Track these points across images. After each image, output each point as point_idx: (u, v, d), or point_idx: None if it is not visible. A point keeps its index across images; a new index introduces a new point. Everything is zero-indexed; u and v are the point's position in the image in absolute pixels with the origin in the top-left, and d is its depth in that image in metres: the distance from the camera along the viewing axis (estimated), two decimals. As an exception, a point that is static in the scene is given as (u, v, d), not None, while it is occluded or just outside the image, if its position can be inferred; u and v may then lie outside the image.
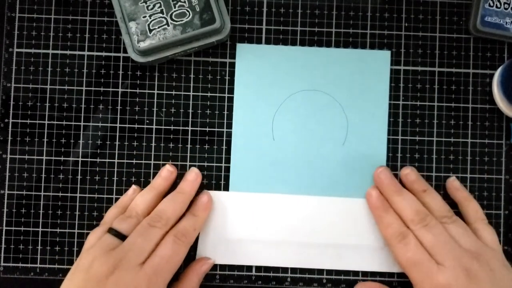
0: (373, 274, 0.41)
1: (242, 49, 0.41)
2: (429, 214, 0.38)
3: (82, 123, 0.41)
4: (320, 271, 0.41)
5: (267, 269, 0.41)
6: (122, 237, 0.36)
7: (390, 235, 0.38)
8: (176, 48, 0.39)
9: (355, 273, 0.41)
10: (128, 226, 0.37)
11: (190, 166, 0.41)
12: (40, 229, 0.40)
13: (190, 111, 0.41)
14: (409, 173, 0.40)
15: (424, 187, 0.40)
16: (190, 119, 0.41)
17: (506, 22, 0.40)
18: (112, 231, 0.37)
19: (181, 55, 0.40)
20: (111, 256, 0.35)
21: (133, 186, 0.40)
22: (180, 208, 0.39)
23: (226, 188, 0.41)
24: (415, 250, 0.37)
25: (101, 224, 0.39)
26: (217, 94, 0.41)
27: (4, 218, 0.40)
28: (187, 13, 0.38)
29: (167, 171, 0.40)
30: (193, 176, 0.40)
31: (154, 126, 0.41)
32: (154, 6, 0.38)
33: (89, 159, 0.41)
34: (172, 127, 0.41)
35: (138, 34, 0.38)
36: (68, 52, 0.41)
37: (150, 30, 0.38)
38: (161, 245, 0.36)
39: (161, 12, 0.38)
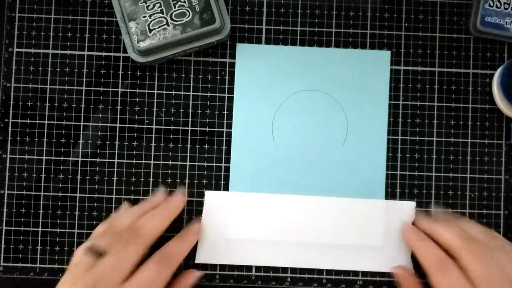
0: (373, 274, 0.41)
1: (242, 49, 0.41)
2: (474, 238, 0.36)
3: (82, 123, 0.41)
4: (320, 271, 0.41)
5: (267, 269, 0.41)
6: (102, 253, 0.35)
7: (430, 262, 0.36)
8: (176, 48, 0.39)
9: (355, 273, 0.41)
10: (107, 242, 0.35)
11: (190, 166, 0.41)
12: (40, 229, 0.40)
13: (190, 111, 0.41)
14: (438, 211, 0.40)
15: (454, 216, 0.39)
16: (190, 119, 0.41)
17: (506, 22, 0.40)
18: (92, 249, 0.35)
19: (181, 55, 0.40)
20: (88, 277, 0.33)
21: (125, 203, 0.40)
22: (161, 225, 0.37)
23: (226, 188, 0.41)
24: (456, 280, 0.34)
25: (89, 239, 0.38)
26: (217, 94, 0.41)
27: (4, 218, 0.40)
28: (187, 13, 0.38)
29: (161, 195, 0.40)
30: (179, 196, 0.40)
31: (154, 126, 0.41)
32: (154, 6, 0.38)
33: (89, 159, 0.41)
34: (172, 127, 0.41)
35: (138, 34, 0.38)
36: (68, 52, 0.41)
37: (150, 30, 0.38)
38: (145, 267, 0.35)
39: (161, 12, 0.38)
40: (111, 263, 0.34)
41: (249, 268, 0.41)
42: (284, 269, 0.41)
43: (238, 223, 0.40)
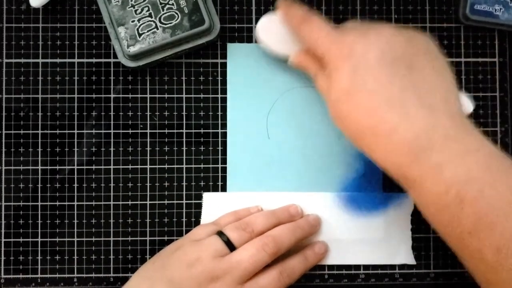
0: (375, 267, 0.41)
1: (233, 48, 0.41)
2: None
3: (75, 131, 0.41)
4: (322, 267, 0.41)
5: (269, 267, 0.41)
6: (230, 246, 0.36)
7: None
8: (166, 51, 0.39)
9: (356, 267, 0.41)
10: (239, 238, 0.36)
11: (187, 168, 0.41)
12: (39, 239, 0.40)
13: (184, 113, 0.41)
14: None
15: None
16: (184, 122, 0.41)
17: (495, 10, 0.40)
18: (223, 236, 0.36)
19: (172, 57, 0.40)
20: (217, 265, 0.34)
21: (258, 206, 0.40)
22: (295, 242, 0.37)
23: (224, 188, 0.41)
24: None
25: (213, 223, 0.39)
26: (210, 95, 0.41)
27: (3, 230, 0.40)
28: (176, 15, 0.38)
29: (297, 211, 0.39)
30: (316, 221, 0.40)
31: (148, 130, 0.41)
32: (142, 10, 0.38)
33: (84, 167, 0.41)
34: (166, 131, 0.41)
35: (128, 39, 0.38)
36: (58, 60, 0.41)
37: (140, 35, 0.38)
38: (267, 275, 0.36)
39: (150, 15, 0.38)
40: (243, 262, 0.35)
41: (250, 267, 0.41)
42: (286, 267, 0.41)
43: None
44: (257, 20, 0.41)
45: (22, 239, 0.40)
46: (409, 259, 0.41)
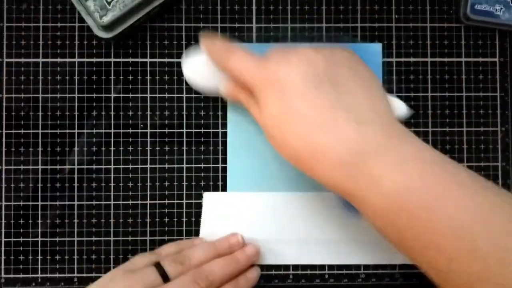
0: (375, 266, 0.41)
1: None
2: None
3: (76, 131, 0.41)
4: (322, 267, 0.41)
5: (269, 267, 0.41)
6: (166, 278, 0.36)
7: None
8: (138, 13, 0.39)
9: (357, 266, 0.41)
10: (175, 271, 0.36)
11: (187, 168, 0.41)
12: (39, 239, 0.40)
13: (184, 113, 0.41)
14: None
15: None
16: (184, 121, 0.41)
17: (496, 9, 0.40)
18: (160, 268, 0.36)
19: (146, 19, 0.40)
20: None
21: (201, 238, 0.40)
22: (229, 277, 0.37)
23: (224, 188, 0.41)
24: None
25: (154, 252, 0.39)
26: (210, 95, 0.41)
27: (3, 230, 0.40)
28: (138, -25, 0.38)
29: (237, 241, 0.39)
30: (253, 252, 0.39)
31: (148, 130, 0.41)
32: (103, -22, 0.39)
33: (85, 167, 0.41)
34: (166, 130, 0.41)
35: (99, 10, 0.38)
36: (58, 59, 0.41)
37: (109, 3, 0.38)
38: None
39: (112, -19, 0.39)
40: None
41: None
42: (286, 267, 0.41)
43: (237, 223, 0.40)
44: (257, 20, 0.41)
45: (22, 239, 0.40)
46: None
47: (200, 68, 0.39)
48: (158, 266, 0.36)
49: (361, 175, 0.30)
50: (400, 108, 0.39)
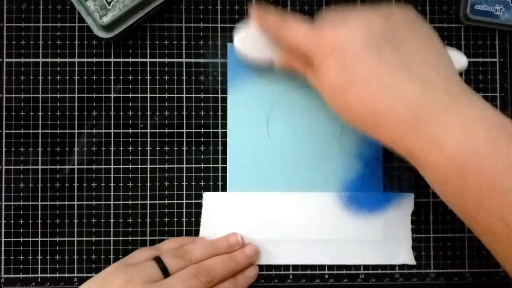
0: (375, 267, 0.41)
1: (233, 48, 0.41)
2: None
3: (76, 131, 0.41)
4: (322, 267, 0.41)
5: (269, 267, 0.41)
6: (166, 273, 0.36)
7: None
8: (138, 13, 0.39)
9: (357, 267, 0.41)
10: (175, 265, 0.36)
11: (187, 168, 0.41)
12: (39, 239, 0.40)
13: (184, 113, 0.41)
14: None
15: None
16: (184, 121, 0.41)
17: (496, 10, 0.40)
18: (160, 262, 0.36)
19: (145, 19, 0.40)
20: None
21: (202, 238, 0.40)
22: (228, 275, 0.38)
23: (224, 188, 0.41)
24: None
25: (154, 247, 0.39)
26: (210, 95, 0.41)
27: (3, 230, 0.40)
28: (138, -25, 0.38)
29: (237, 241, 0.39)
30: (252, 252, 0.39)
31: (148, 130, 0.41)
32: (103, -22, 0.38)
33: (85, 166, 0.41)
34: (166, 130, 0.41)
35: (98, 10, 0.38)
36: (58, 59, 0.41)
37: (109, 3, 0.38)
38: None
39: (112, -19, 0.38)
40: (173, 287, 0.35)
41: (250, 267, 0.41)
42: (286, 267, 0.41)
43: (237, 223, 0.40)
44: (257, 20, 0.41)
45: (22, 239, 0.40)
46: (409, 259, 0.41)
47: (251, 41, 0.38)
48: (158, 260, 0.36)
49: (425, 136, 0.29)
50: (459, 60, 0.38)
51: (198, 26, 0.41)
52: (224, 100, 0.41)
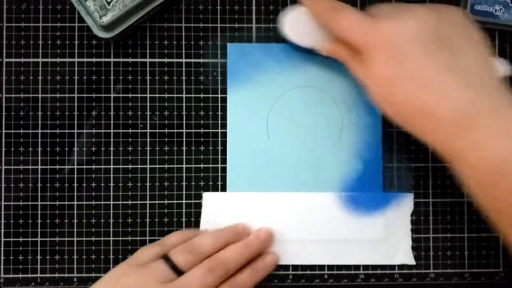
0: (374, 267, 0.41)
1: (233, 48, 0.41)
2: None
3: (75, 131, 0.41)
4: (322, 267, 0.41)
5: (269, 267, 0.41)
6: (177, 270, 0.35)
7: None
8: (138, 13, 0.39)
9: (356, 267, 0.41)
10: (186, 261, 0.36)
11: (187, 168, 0.41)
12: (39, 239, 0.40)
13: (184, 113, 0.41)
14: None
15: None
16: (184, 121, 0.41)
17: (496, 10, 0.40)
18: (169, 261, 0.35)
19: (145, 19, 0.40)
20: None
21: (207, 230, 0.40)
22: (243, 263, 0.37)
23: (224, 188, 0.41)
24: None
25: (158, 243, 0.38)
26: (210, 95, 0.41)
27: (2, 230, 0.40)
28: (138, -26, 0.38)
29: (243, 228, 0.39)
30: (266, 236, 0.39)
31: (148, 130, 0.41)
32: (102, -22, 0.38)
33: (84, 166, 0.41)
34: (166, 130, 0.41)
35: (98, 10, 0.38)
36: (58, 59, 0.41)
37: (108, 3, 0.38)
38: None
39: (112, -19, 0.38)
40: (189, 286, 0.34)
41: (250, 267, 0.41)
42: (286, 267, 0.41)
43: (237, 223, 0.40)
44: (257, 20, 0.41)
45: (22, 239, 0.40)
46: (409, 259, 0.41)
47: (301, 25, 0.38)
48: (166, 259, 0.36)
49: (468, 138, 0.30)
50: (503, 66, 0.38)
51: (198, 26, 0.41)
52: (224, 100, 0.41)
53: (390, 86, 0.32)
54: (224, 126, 0.41)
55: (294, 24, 0.38)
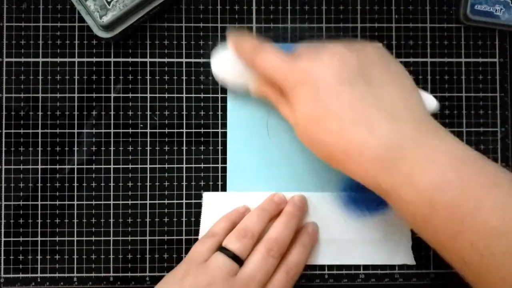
0: (374, 267, 0.41)
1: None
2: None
3: (76, 130, 0.41)
4: (322, 267, 0.41)
5: (269, 267, 0.41)
6: (237, 259, 0.35)
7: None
8: (138, 13, 0.39)
9: (356, 267, 0.41)
10: (243, 248, 0.36)
11: (187, 168, 0.41)
12: (39, 239, 0.40)
13: (184, 113, 0.41)
14: None
15: None
16: (184, 121, 0.41)
17: (496, 10, 0.40)
18: (227, 251, 0.35)
19: (145, 19, 0.40)
20: (232, 286, 0.34)
21: (245, 205, 0.40)
22: (292, 235, 0.37)
23: (224, 188, 0.41)
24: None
25: (210, 235, 0.38)
26: (210, 95, 0.41)
27: (2, 229, 0.40)
28: (138, -25, 0.38)
29: (280, 198, 0.39)
30: (302, 201, 0.39)
31: (148, 130, 0.41)
32: (103, -22, 0.39)
33: (84, 166, 0.41)
34: (166, 130, 0.41)
35: (99, 10, 0.38)
36: (58, 59, 0.41)
37: (109, 3, 0.38)
38: (275, 283, 0.35)
39: (112, -19, 0.39)
40: (256, 276, 0.35)
41: (250, 267, 0.41)
42: (286, 267, 0.41)
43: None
44: (257, 20, 0.41)
45: (22, 239, 0.40)
46: (409, 259, 0.41)
47: (228, 65, 0.38)
48: (224, 250, 0.36)
49: (396, 172, 0.30)
50: (430, 102, 0.39)
51: (198, 26, 0.41)
52: (224, 100, 0.41)
53: (314, 125, 0.32)
54: (224, 126, 0.41)
55: (223, 65, 0.38)
